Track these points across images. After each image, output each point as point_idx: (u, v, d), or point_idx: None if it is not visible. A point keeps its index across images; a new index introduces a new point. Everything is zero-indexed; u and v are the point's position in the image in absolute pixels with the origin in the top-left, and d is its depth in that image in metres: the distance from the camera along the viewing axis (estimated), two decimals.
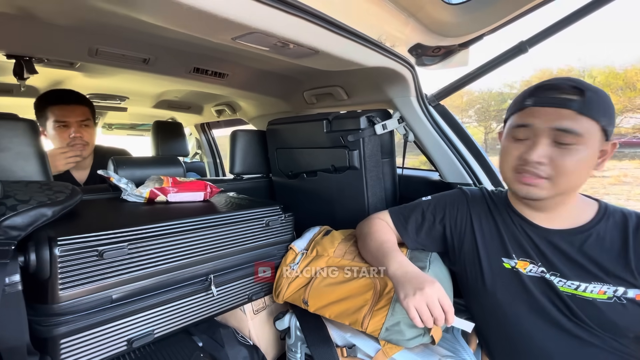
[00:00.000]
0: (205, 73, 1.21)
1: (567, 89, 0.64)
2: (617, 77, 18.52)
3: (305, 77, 1.35)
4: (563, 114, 0.63)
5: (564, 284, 0.69)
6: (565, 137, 0.63)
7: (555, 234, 0.72)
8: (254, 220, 1.00)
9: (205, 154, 2.78)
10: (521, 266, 0.74)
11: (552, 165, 0.65)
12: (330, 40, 0.71)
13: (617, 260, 0.66)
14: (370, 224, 0.93)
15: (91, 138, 1.41)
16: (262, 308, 1.14)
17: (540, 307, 0.72)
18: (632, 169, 12.25)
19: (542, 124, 0.65)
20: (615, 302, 0.65)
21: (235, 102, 1.91)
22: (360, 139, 1.13)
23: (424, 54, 1.08)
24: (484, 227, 0.82)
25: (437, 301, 0.64)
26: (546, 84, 0.67)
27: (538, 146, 0.65)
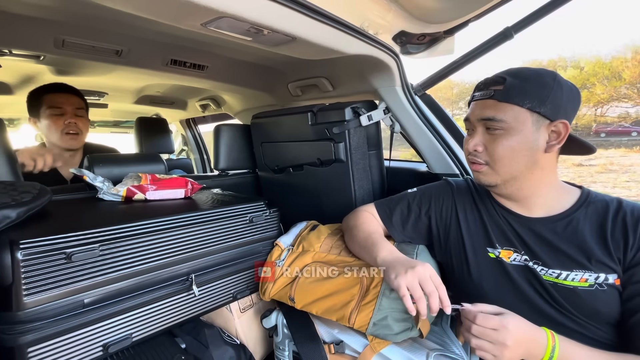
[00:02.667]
0: (183, 65, 1.16)
1: (493, 81, 0.71)
2: (603, 66, 18.78)
3: (288, 69, 1.31)
4: (487, 105, 0.70)
5: (546, 273, 0.70)
6: (492, 124, 0.69)
7: (537, 222, 0.73)
8: (236, 217, 0.97)
9: (192, 151, 2.73)
10: (505, 255, 0.75)
11: (487, 152, 0.71)
12: (308, 26, 0.68)
13: (597, 245, 0.66)
14: (357, 217, 0.92)
15: (85, 128, 1.40)
16: (249, 306, 1.11)
17: (525, 296, 0.72)
18: (618, 157, 12.51)
19: (474, 117, 0.72)
20: (597, 289, 0.65)
21: (219, 96, 1.86)
22: (346, 130, 1.10)
23: (409, 42, 1.05)
24: (469, 218, 0.82)
25: (429, 278, 0.64)
26: (482, 80, 0.74)
27: (475, 136, 0.73)
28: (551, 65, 24.60)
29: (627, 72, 17.55)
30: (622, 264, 0.65)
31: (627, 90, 18.52)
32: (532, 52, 31.54)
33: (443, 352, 0.78)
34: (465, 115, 0.80)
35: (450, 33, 1.05)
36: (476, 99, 0.73)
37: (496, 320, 0.60)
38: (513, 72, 0.69)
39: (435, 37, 1.06)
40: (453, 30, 1.03)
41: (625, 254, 0.65)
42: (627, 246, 0.65)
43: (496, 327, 0.59)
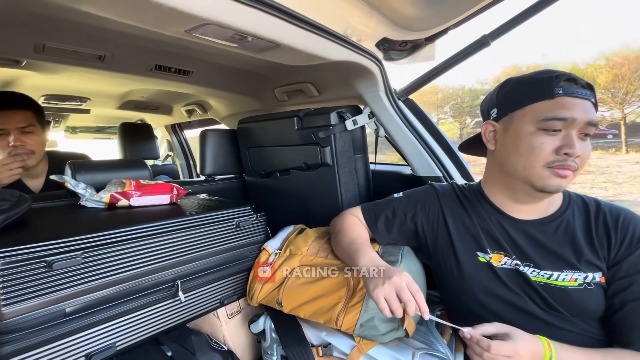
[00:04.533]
0: (168, 70, 1.16)
1: (582, 82, 0.65)
2: (579, 72, 19.50)
3: (274, 74, 1.33)
4: (588, 107, 0.64)
5: (537, 274, 0.70)
6: (590, 129, 0.64)
7: (530, 224, 0.73)
8: (223, 222, 0.96)
9: (178, 156, 2.69)
10: (495, 260, 0.75)
11: (580, 159, 0.65)
12: (291, 33, 0.69)
13: (586, 245, 0.68)
14: (343, 221, 0.92)
15: (37, 145, 1.26)
16: (236, 312, 1.10)
17: (514, 299, 0.73)
18: (594, 159, 13.03)
19: (582, 116, 0.63)
20: (585, 287, 0.67)
21: (205, 102, 1.85)
22: (332, 135, 1.12)
23: (391, 49, 1.08)
24: (458, 223, 0.81)
25: (405, 287, 0.64)
26: (562, 73, 0.65)
27: (576, 139, 0.64)
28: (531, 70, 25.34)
29: (601, 78, 18.37)
30: (606, 261, 0.67)
31: (602, 94, 19.34)
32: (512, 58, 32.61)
33: (428, 350, 0.80)
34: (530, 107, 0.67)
35: (431, 40, 1.08)
36: (578, 96, 0.63)
37: (509, 348, 0.60)
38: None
39: (417, 44, 1.09)
40: (433, 37, 1.07)
41: (609, 252, 0.67)
42: (610, 245, 0.67)
43: (510, 355, 0.60)
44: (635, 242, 0.65)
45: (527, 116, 0.67)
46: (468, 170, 1.12)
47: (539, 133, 0.65)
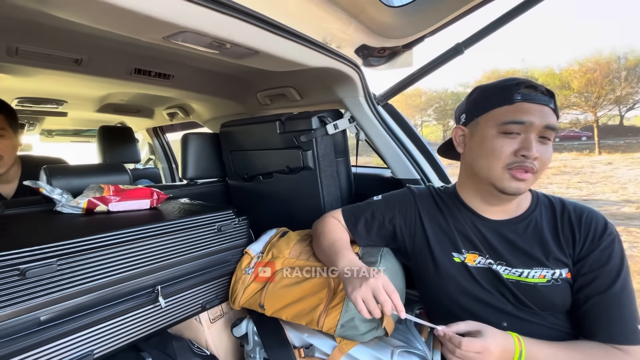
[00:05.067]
0: (148, 74, 1.15)
1: (541, 88, 0.69)
2: (554, 77, 20.42)
3: (256, 78, 1.34)
4: (548, 112, 0.68)
5: (509, 272, 0.73)
6: (549, 133, 0.68)
7: (502, 224, 0.77)
8: (204, 226, 0.96)
9: (160, 160, 2.65)
10: (470, 259, 0.78)
11: (539, 160, 0.69)
12: (270, 40, 0.70)
13: (553, 243, 0.72)
14: (324, 224, 0.94)
15: (7, 150, 1.22)
16: (219, 316, 1.10)
17: (488, 297, 0.76)
18: (570, 160, 13.59)
19: (539, 120, 0.67)
20: (553, 284, 0.71)
21: (187, 105, 1.84)
22: (313, 139, 1.13)
23: (370, 55, 1.11)
24: (434, 224, 0.84)
25: (381, 288, 0.66)
26: (523, 81, 0.70)
27: (533, 142, 0.67)
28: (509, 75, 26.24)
29: (575, 82, 19.18)
30: (572, 257, 0.71)
31: (576, 98, 20.21)
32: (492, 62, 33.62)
33: (407, 348, 0.82)
34: (492, 112, 0.72)
35: (408, 47, 1.12)
36: (535, 101, 0.68)
37: (479, 344, 0.63)
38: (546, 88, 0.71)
39: (395, 51, 1.12)
40: (411, 44, 1.11)
41: (574, 248, 0.71)
42: (575, 241, 0.71)
43: (480, 351, 0.63)
44: (598, 238, 0.69)
45: (490, 121, 0.72)
46: (445, 173, 1.16)
47: (500, 136, 0.70)
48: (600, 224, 0.70)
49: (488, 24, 0.99)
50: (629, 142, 19.11)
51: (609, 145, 18.04)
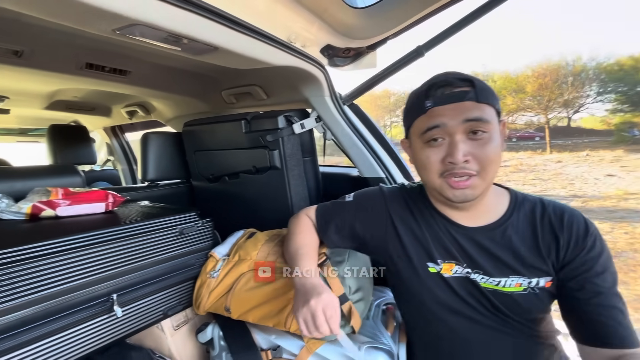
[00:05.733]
0: (102, 70, 1.08)
1: (458, 83, 0.63)
2: (511, 81, 21.84)
3: (221, 76, 1.30)
4: (467, 106, 0.62)
5: (486, 281, 0.69)
6: (478, 127, 0.62)
7: (478, 231, 0.71)
8: (164, 230, 0.92)
9: (119, 161, 2.50)
10: (447, 269, 0.73)
11: (476, 160, 0.63)
12: (229, 36, 0.68)
13: (530, 250, 0.67)
14: (296, 223, 0.90)
15: None
16: (183, 322, 1.06)
17: (464, 308, 0.72)
18: (526, 159, 14.59)
19: (453, 120, 0.62)
20: (530, 292, 0.67)
21: (148, 103, 1.75)
22: (280, 138, 1.12)
23: (335, 55, 1.12)
24: (408, 232, 0.78)
25: (319, 312, 0.63)
26: (436, 82, 0.65)
27: (458, 144, 0.62)
28: None
29: (529, 86, 20.62)
30: (556, 264, 0.66)
31: (530, 101, 21.75)
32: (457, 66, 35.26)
33: (373, 344, 0.84)
34: (413, 126, 0.69)
35: (372, 48, 1.14)
36: (446, 102, 0.63)
37: None
38: (469, 75, 0.65)
39: (360, 52, 1.14)
40: (374, 46, 1.13)
41: (557, 253, 0.65)
42: (558, 246, 0.65)
43: None
44: (582, 241, 0.64)
45: (414, 133, 0.69)
46: (408, 171, 1.19)
47: (425, 147, 0.67)
48: (581, 225, 0.65)
49: (447, 28, 1.04)
50: (576, 142, 20.88)
51: (559, 144, 19.59)
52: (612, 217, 5.61)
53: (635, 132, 20.92)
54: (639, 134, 20.74)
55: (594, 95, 22.93)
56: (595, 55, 24.21)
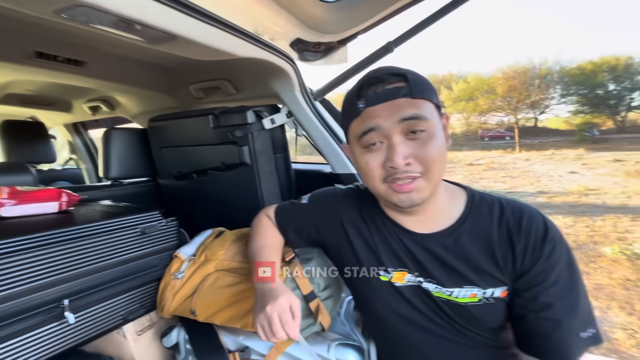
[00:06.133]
0: (54, 59, 1.00)
1: (390, 79, 0.58)
2: (483, 82, 22.76)
3: (188, 70, 1.25)
4: (401, 104, 0.57)
5: (439, 291, 0.65)
6: (415, 125, 0.57)
7: (430, 238, 0.66)
8: (124, 230, 0.87)
9: (82, 159, 2.36)
10: (398, 278, 0.69)
11: (418, 161, 0.58)
12: (188, 25, 0.65)
13: (485, 259, 0.62)
14: (256, 224, 0.87)
15: None
16: (147, 327, 1.01)
17: (418, 318, 0.69)
18: (497, 157, 15.22)
19: (387, 120, 0.57)
20: (485, 303, 0.63)
21: (111, 97, 1.66)
22: (249, 134, 1.09)
23: (306, 50, 1.10)
24: (359, 238, 0.74)
25: (275, 317, 0.61)
26: (367, 80, 0.61)
27: (396, 146, 0.57)
28: (446, 79, 28.52)
29: (500, 88, 21.55)
30: (512, 274, 0.61)
31: (501, 102, 22.72)
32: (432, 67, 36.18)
33: (343, 340, 0.83)
34: (349, 129, 0.64)
35: (342, 43, 1.13)
36: (378, 101, 0.58)
37: None
38: (402, 69, 0.61)
39: (330, 47, 1.13)
40: (345, 41, 1.12)
41: (514, 263, 0.61)
42: (514, 256, 0.61)
43: None
44: (539, 248, 0.59)
45: (352, 137, 0.65)
46: None
47: (364, 152, 0.62)
48: (539, 229, 0.60)
49: (415, 25, 1.04)
50: (542, 141, 22.05)
51: (527, 144, 20.60)
52: (575, 211, 5.95)
53: (594, 132, 22.40)
54: (598, 134, 22.22)
55: (558, 97, 24.37)
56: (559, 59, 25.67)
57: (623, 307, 2.86)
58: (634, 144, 16.46)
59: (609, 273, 3.49)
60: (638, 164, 10.34)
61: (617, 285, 3.22)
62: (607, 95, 23.51)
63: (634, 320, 2.64)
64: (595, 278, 3.41)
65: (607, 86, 23.08)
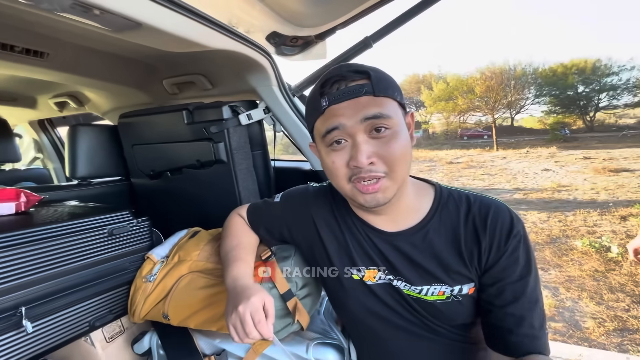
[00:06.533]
0: (11, 50, 0.93)
1: (352, 76, 0.58)
2: (462, 83, 23.37)
3: (160, 63, 1.19)
4: (364, 102, 0.56)
5: (409, 288, 0.66)
6: (379, 124, 0.56)
7: (398, 236, 0.67)
8: (90, 231, 0.82)
9: (50, 158, 2.24)
10: (370, 276, 0.69)
11: (382, 160, 0.58)
12: (153, 12, 0.61)
13: (453, 256, 0.63)
14: (228, 224, 0.85)
15: None
16: (118, 333, 0.96)
17: (390, 315, 0.69)
18: (475, 156, 15.67)
19: (350, 120, 0.57)
20: (453, 300, 0.64)
21: (80, 93, 1.57)
22: (225, 130, 1.06)
23: (283, 44, 1.07)
24: (331, 237, 0.74)
25: (248, 317, 0.58)
26: (329, 77, 0.59)
27: (360, 146, 0.57)
28: (427, 79, 29.08)
29: (477, 88, 22.19)
30: (479, 270, 0.62)
31: (479, 102, 23.40)
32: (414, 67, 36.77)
33: (322, 339, 0.81)
34: (314, 128, 0.62)
35: (321, 38, 1.12)
36: (341, 99, 0.57)
37: None
38: (365, 66, 0.60)
39: (308, 41, 1.11)
40: (323, 35, 1.10)
41: (479, 259, 0.62)
42: (480, 252, 0.61)
43: None
44: (504, 244, 0.60)
45: (317, 136, 0.64)
46: None
47: (329, 151, 0.61)
48: (505, 224, 0.61)
49: (393, 20, 1.04)
50: (518, 140, 22.87)
51: (504, 142, 21.31)
52: (548, 207, 6.20)
53: (566, 131, 23.49)
54: (569, 133, 23.30)
55: (532, 98, 25.38)
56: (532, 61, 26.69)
57: (593, 297, 3.00)
58: (602, 142, 17.37)
59: (579, 265, 3.65)
60: (605, 162, 10.91)
61: (587, 277, 3.37)
62: (577, 96, 24.71)
63: (602, 310, 2.77)
64: (567, 270, 3.56)
65: (577, 87, 24.25)
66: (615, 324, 2.55)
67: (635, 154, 12.26)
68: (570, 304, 2.92)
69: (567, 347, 2.25)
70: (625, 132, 21.42)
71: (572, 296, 3.05)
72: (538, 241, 4.45)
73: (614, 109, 25.73)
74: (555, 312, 2.80)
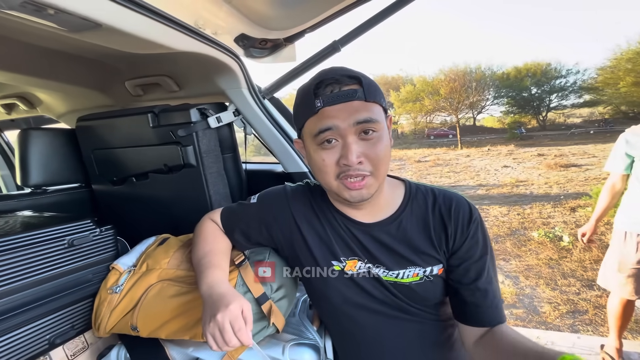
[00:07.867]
0: None
1: (345, 81, 0.62)
2: (428, 84, 24.33)
3: (122, 64, 1.14)
4: (356, 107, 0.61)
5: (387, 274, 0.72)
6: (368, 127, 0.61)
7: (375, 227, 0.73)
8: (47, 243, 0.77)
9: None
10: (350, 266, 0.74)
11: (369, 160, 0.63)
12: (113, 12, 0.58)
13: (424, 241, 0.71)
14: (200, 229, 0.83)
15: None
16: (81, 349, 0.91)
17: (371, 300, 0.74)
18: (442, 154, 16.36)
19: (344, 122, 0.61)
20: (425, 280, 0.71)
21: (30, 94, 1.46)
22: (193, 133, 1.03)
23: (252, 46, 1.07)
24: (312, 232, 0.77)
25: (227, 325, 0.59)
26: (323, 79, 0.63)
27: (351, 146, 0.61)
28: (395, 80, 29.89)
29: (442, 89, 23.19)
30: (447, 252, 0.70)
31: (444, 103, 24.47)
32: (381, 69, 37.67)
33: (298, 340, 0.82)
34: (305, 126, 0.66)
35: (290, 41, 1.12)
36: (336, 102, 0.61)
37: None
38: (355, 72, 0.64)
39: (277, 44, 1.11)
40: (292, 38, 1.11)
41: (447, 242, 0.70)
42: (447, 236, 0.70)
43: None
44: (466, 228, 0.69)
45: (307, 134, 0.67)
46: None
47: (319, 149, 0.65)
48: (466, 213, 0.70)
49: (361, 24, 1.07)
50: (480, 139, 24.20)
51: (467, 141, 22.45)
52: (508, 201, 6.61)
53: (522, 130, 25.20)
54: (525, 131, 25.01)
55: (491, 99, 26.96)
56: (490, 64, 28.33)
57: (548, 283, 3.24)
58: (553, 140, 18.82)
59: (536, 254, 3.93)
60: (557, 158, 11.83)
61: (543, 265, 3.63)
62: (531, 98, 26.59)
63: (557, 294, 3.01)
64: (526, 260, 3.82)
65: (530, 89, 26.09)
66: (568, 307, 2.78)
67: (582, 151, 13.43)
68: (529, 291, 3.14)
69: (527, 331, 2.42)
70: (572, 131, 23.40)
71: (531, 283, 3.27)
72: (500, 234, 4.73)
73: (562, 109, 28.00)
74: (516, 300, 2.99)
